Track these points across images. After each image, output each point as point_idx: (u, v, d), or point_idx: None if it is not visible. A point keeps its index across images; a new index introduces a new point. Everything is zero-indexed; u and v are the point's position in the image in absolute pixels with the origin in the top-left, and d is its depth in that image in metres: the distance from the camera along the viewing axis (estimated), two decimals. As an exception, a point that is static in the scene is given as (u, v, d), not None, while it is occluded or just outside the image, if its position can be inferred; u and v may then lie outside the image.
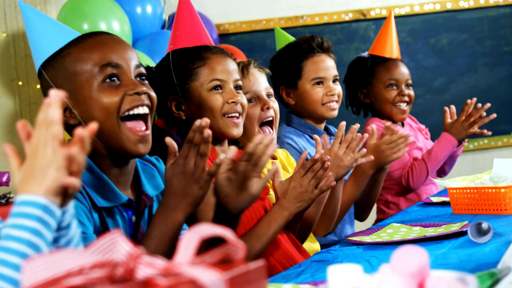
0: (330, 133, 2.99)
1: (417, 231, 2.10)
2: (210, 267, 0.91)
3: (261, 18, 4.73)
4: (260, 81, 2.39)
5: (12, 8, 4.34)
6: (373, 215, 3.40)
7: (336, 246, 2.03)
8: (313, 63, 2.90)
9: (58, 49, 1.65)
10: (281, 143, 2.75)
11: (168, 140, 1.58)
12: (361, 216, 3.10)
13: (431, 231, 2.07)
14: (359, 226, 3.23)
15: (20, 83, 4.35)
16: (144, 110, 1.62)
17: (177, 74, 2.10)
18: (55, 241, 1.20)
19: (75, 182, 1.14)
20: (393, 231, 2.14)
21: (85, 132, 1.17)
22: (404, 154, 2.79)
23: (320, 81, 2.87)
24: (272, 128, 2.40)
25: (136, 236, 1.65)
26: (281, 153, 2.53)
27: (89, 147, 1.18)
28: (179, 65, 2.10)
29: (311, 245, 2.44)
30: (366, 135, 2.37)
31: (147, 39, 4.04)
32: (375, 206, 3.28)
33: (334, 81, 2.91)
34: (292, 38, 3.07)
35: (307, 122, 2.89)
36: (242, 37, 4.69)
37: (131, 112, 1.61)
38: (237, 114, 2.09)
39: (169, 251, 1.57)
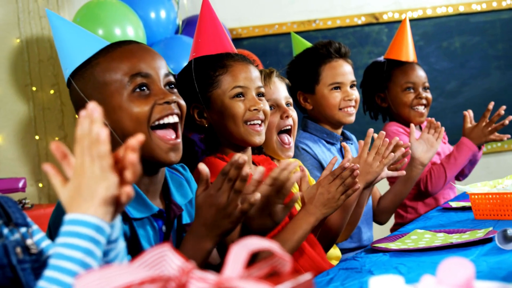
0: (346, 138, 3.00)
1: (441, 238, 2.10)
2: (260, 281, 0.91)
3: (274, 22, 4.73)
4: (281, 90, 2.40)
5: (25, 13, 4.35)
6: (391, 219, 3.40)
7: (361, 253, 2.03)
8: (331, 68, 2.90)
9: (87, 59, 1.65)
10: (295, 148, 2.75)
11: (202, 166, 1.55)
12: (382, 220, 3.12)
13: (455, 238, 2.06)
14: (376, 230, 3.23)
15: (34, 88, 4.35)
16: (174, 119, 1.62)
17: (199, 82, 2.10)
18: (105, 254, 1.19)
19: (128, 191, 1.13)
20: (418, 237, 2.14)
21: (136, 142, 1.16)
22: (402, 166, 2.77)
23: (337, 86, 2.88)
24: (290, 136, 2.40)
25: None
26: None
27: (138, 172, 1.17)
28: (201, 73, 2.10)
29: (333, 250, 2.44)
30: (396, 138, 2.36)
31: (161, 44, 4.04)
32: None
33: (351, 86, 2.92)
34: (308, 44, 3.07)
35: (323, 127, 2.88)
36: (255, 42, 4.69)
37: (162, 122, 1.61)
38: (259, 122, 2.09)
39: None
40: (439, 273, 1.05)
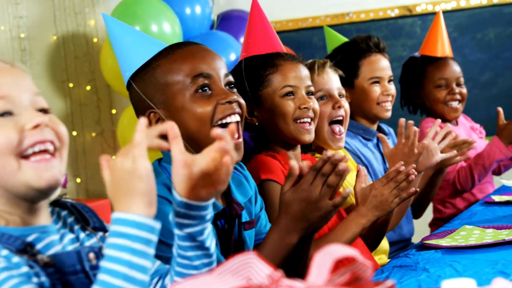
0: (383, 132, 3.01)
1: (491, 234, 2.11)
2: (346, 288, 0.94)
3: (307, 16, 4.74)
4: (333, 80, 2.43)
5: (61, 10, 4.39)
6: (429, 214, 3.41)
7: (412, 250, 2.04)
8: (370, 63, 2.92)
9: (146, 61, 1.68)
10: None
11: (293, 163, 1.59)
12: (416, 214, 3.13)
13: (505, 234, 2.07)
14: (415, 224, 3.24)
15: (71, 85, 4.40)
16: (236, 118, 1.66)
17: (250, 81, 2.12)
18: (201, 233, 1.27)
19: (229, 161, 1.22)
20: (467, 233, 2.15)
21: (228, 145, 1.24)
22: (461, 160, 2.79)
23: (377, 81, 2.90)
24: (342, 126, 2.42)
25: (229, 244, 1.68)
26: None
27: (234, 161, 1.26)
28: (251, 73, 2.13)
29: (382, 243, 2.44)
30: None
31: (197, 40, 4.05)
32: (431, 205, 3.29)
33: (389, 81, 2.94)
34: (342, 38, 3.09)
35: (359, 124, 2.90)
36: (289, 36, 4.70)
37: (224, 121, 1.64)
38: (308, 120, 2.11)
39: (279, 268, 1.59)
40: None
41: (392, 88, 2.92)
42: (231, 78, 1.70)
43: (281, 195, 1.62)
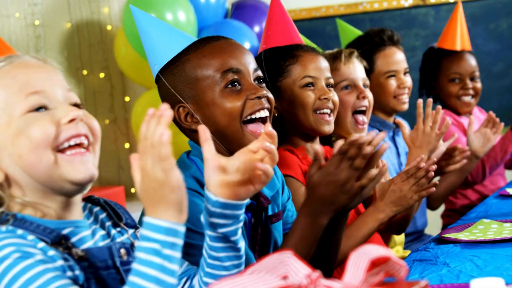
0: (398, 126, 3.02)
1: (509, 228, 2.12)
2: (382, 288, 0.96)
3: (321, 5, 4.75)
4: (359, 70, 2.45)
5: (76, -2, 4.41)
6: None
7: (431, 243, 2.06)
8: (385, 56, 2.93)
9: (175, 55, 1.68)
10: None
11: (318, 147, 1.61)
12: (434, 206, 3.14)
13: (523, 228, 2.09)
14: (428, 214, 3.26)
15: (85, 72, 4.42)
16: (265, 113, 1.67)
17: (269, 73, 2.14)
18: (234, 233, 1.29)
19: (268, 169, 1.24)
20: (484, 227, 2.17)
21: (271, 145, 1.25)
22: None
23: (392, 74, 2.91)
24: (365, 116, 2.43)
25: (255, 238, 1.70)
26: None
27: (277, 158, 1.27)
28: (271, 64, 2.14)
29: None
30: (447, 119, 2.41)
31: (211, 28, 4.08)
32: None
33: (404, 74, 2.94)
34: (355, 30, 3.09)
35: (375, 116, 2.91)
36: (302, 24, 4.70)
37: (253, 116, 1.65)
38: (328, 111, 2.11)
39: (310, 253, 1.62)
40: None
41: (408, 81, 2.93)
42: (260, 73, 1.71)
43: (308, 178, 1.63)
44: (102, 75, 4.48)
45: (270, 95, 1.69)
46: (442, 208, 3.51)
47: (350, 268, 1.00)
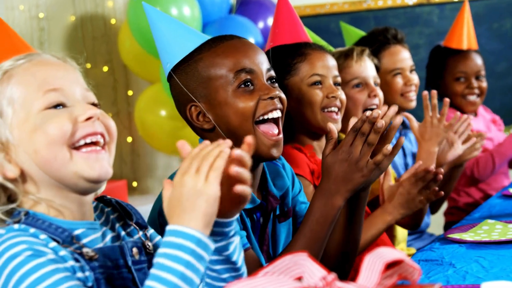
0: (405, 127, 3.03)
1: (513, 229, 2.13)
2: (396, 290, 0.97)
3: (325, 2, 4.75)
4: (370, 68, 2.46)
5: (80, -9, 4.41)
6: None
7: (436, 243, 2.07)
8: (390, 55, 2.94)
9: (188, 53, 1.68)
10: None
11: (332, 126, 1.63)
12: (433, 209, 3.15)
13: (528, 229, 2.10)
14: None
15: (89, 65, 4.42)
16: (278, 113, 1.67)
17: (277, 70, 2.14)
18: (225, 249, 1.28)
19: (246, 190, 1.18)
20: (489, 228, 2.17)
21: (244, 153, 1.20)
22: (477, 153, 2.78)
23: (398, 72, 2.91)
24: None
25: (263, 237, 1.70)
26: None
27: (250, 162, 1.21)
28: (278, 61, 2.14)
29: (402, 231, 2.47)
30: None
31: (215, 24, 4.08)
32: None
33: (411, 71, 2.95)
34: (359, 31, 3.10)
35: None
36: (307, 21, 4.65)
37: (266, 117, 1.65)
38: (336, 109, 2.12)
39: (327, 236, 1.63)
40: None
41: (415, 78, 2.93)
42: (272, 73, 1.70)
43: (322, 159, 1.65)
44: (105, 68, 4.48)
45: (283, 96, 1.69)
46: (444, 206, 3.53)
47: (364, 270, 1.01)
